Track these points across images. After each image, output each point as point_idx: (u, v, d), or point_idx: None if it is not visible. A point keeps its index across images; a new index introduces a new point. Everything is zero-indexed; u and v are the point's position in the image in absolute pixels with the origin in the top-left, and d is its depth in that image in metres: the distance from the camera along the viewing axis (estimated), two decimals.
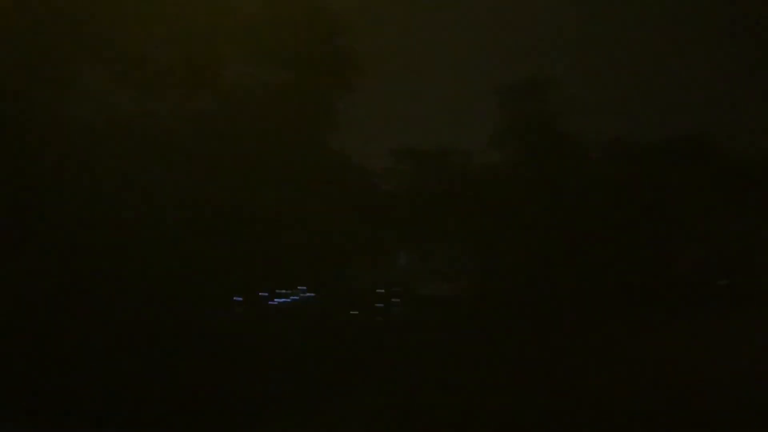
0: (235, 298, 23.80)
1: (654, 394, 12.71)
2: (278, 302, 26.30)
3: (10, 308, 17.63)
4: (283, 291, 27.03)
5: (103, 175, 21.88)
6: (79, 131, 22.91)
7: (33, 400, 10.85)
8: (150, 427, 10.62)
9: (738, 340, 19.53)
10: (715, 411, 11.43)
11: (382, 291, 30.11)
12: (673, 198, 37.52)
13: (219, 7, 26.17)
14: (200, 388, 12.64)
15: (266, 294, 26.34)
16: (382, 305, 28.56)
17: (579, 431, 9.80)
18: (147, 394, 11.53)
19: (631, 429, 9.89)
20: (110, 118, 24.19)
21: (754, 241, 35.29)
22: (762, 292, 30.18)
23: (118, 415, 10.77)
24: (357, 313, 25.59)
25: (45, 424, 10.73)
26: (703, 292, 31.87)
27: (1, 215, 20.19)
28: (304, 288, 28.65)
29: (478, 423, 10.47)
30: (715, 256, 36.31)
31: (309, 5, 27.97)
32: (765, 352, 17.19)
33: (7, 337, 14.01)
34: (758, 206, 36.09)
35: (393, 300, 30.00)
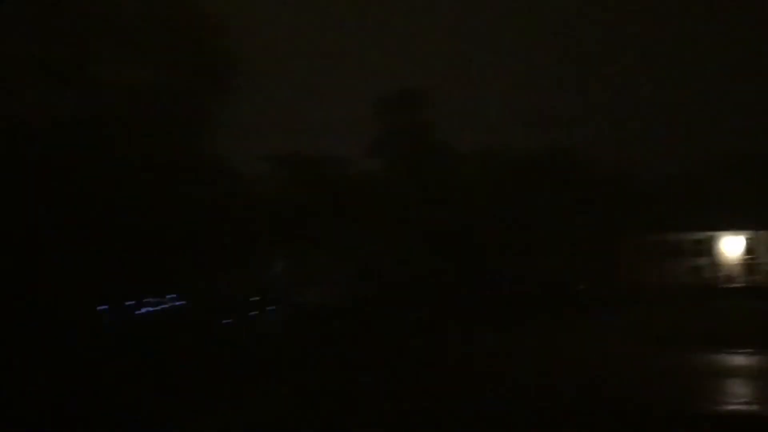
0: (100, 308, 22.41)
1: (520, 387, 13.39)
2: (146, 311, 25.05)
3: None
4: (151, 299, 25.79)
5: None
6: None
7: None
8: None
9: (594, 335, 21.03)
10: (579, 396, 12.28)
11: (257, 299, 29.50)
12: (537, 208, 39.63)
13: (91, 4, 24.59)
14: (58, 398, 11.76)
15: (132, 303, 25.01)
16: (256, 313, 27.96)
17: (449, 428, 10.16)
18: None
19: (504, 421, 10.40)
20: None
21: (609, 248, 37.98)
22: (614, 294, 32.46)
23: None
24: (230, 321, 24.86)
25: None
26: (564, 295, 33.85)
27: None
28: (174, 296, 27.48)
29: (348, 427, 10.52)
30: (576, 262, 38.73)
31: (187, 5, 26.95)
32: (614, 345, 18.75)
33: None
34: (615, 215, 38.89)
35: (268, 308, 29.47)
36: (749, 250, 35.05)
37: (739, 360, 16.13)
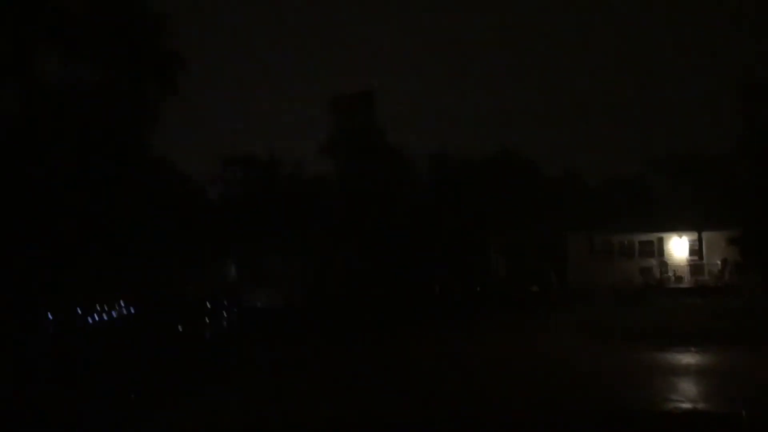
0: (46, 317, 21.69)
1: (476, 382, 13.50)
2: (95, 319, 24.34)
3: None
4: (101, 307, 25.09)
5: None
6: None
7: None
8: None
9: (542, 334, 21.45)
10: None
11: (209, 304, 29.00)
12: (488, 208, 40.03)
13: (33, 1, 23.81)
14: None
15: (80, 311, 24.28)
16: (208, 319, 27.48)
17: None
18: None
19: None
20: None
21: (557, 251, 38.62)
22: (567, 296, 32.95)
23: None
24: (182, 329, 24.36)
25: None
26: (519, 296, 34.27)
27: None
28: (124, 303, 26.81)
29: None
30: (527, 264, 39.28)
31: (133, 4, 26.36)
32: (562, 342, 19.15)
33: None
34: (561, 219, 39.55)
35: (222, 313, 29.02)
36: (694, 251, 36.00)
37: (685, 357, 16.53)
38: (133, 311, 26.46)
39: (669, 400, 11.98)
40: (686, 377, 14.24)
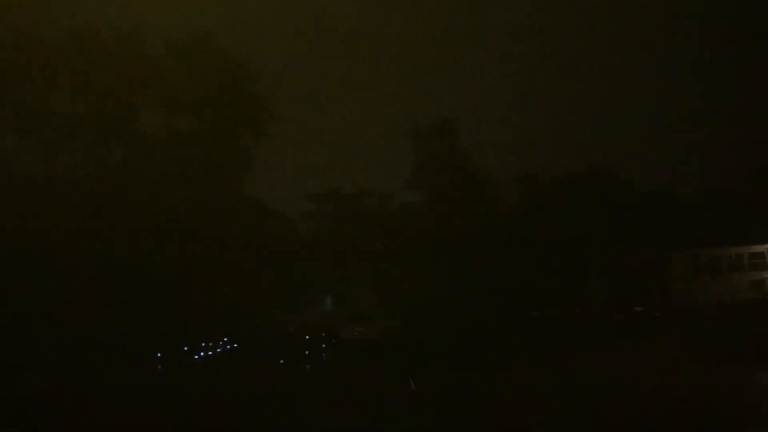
0: (156, 355, 22.83)
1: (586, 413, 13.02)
2: (201, 356, 25.37)
3: None
4: (206, 344, 26.14)
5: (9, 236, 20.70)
6: None
7: None
8: None
9: (663, 357, 20.34)
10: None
11: (308, 337, 29.63)
12: (582, 229, 39.08)
13: (128, 56, 25.67)
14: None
15: (186, 348, 25.38)
16: (308, 352, 28.05)
17: None
18: None
19: None
20: (12, 174, 23.07)
21: (659, 269, 37.08)
22: (673, 315, 31.55)
23: None
24: (283, 361, 24.99)
25: None
26: (620, 318, 32.99)
27: None
28: (227, 339, 27.82)
29: None
30: (628, 283, 37.85)
31: (220, 52, 27.92)
32: (677, 367, 18.10)
33: None
34: (660, 235, 38.07)
35: (321, 345, 29.56)
36: None
37: None
38: (235, 346, 27.38)
39: None
40: None
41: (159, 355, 23.15)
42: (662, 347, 22.55)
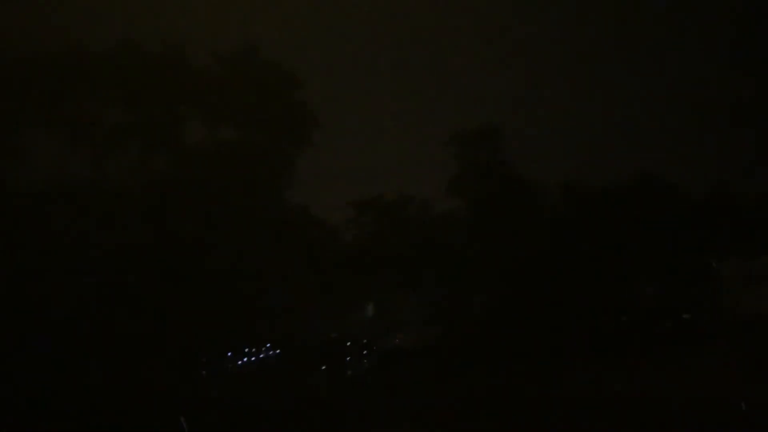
0: (201, 360, 23.22)
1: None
2: (244, 361, 25.71)
3: None
4: (249, 350, 26.47)
5: (63, 242, 21.31)
6: (29, 200, 22.31)
7: None
8: None
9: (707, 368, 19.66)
10: None
11: (349, 344, 29.74)
12: (628, 236, 38.25)
13: (173, 67, 26.23)
14: None
15: (230, 354, 25.75)
16: (349, 358, 28.13)
17: None
18: None
19: None
20: (62, 184, 23.73)
21: (710, 277, 36.03)
22: (723, 324, 30.63)
23: None
24: (325, 368, 25.12)
25: None
26: (668, 326, 32.13)
27: None
28: (269, 345, 28.11)
29: None
30: (676, 291, 36.88)
31: (264, 62, 28.28)
32: (730, 379, 17.42)
33: None
34: (711, 241, 36.99)
35: (362, 352, 29.63)
36: None
37: None
38: (278, 353, 27.63)
39: None
40: None
41: (203, 360, 23.55)
42: (713, 358, 21.88)
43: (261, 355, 27.01)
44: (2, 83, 21.88)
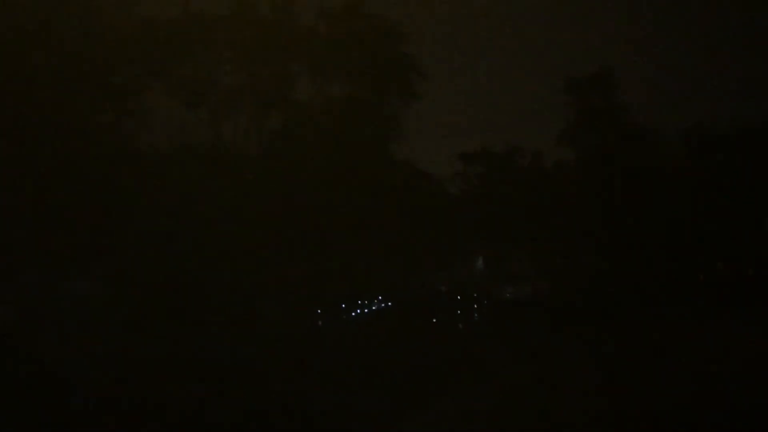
0: (317, 311, 24.14)
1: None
2: (357, 312, 26.50)
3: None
4: (362, 302, 27.23)
5: (179, 200, 22.38)
6: (151, 159, 23.50)
7: None
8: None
9: None
10: None
11: (459, 297, 29.94)
12: (751, 188, 35.85)
13: (282, 27, 26.64)
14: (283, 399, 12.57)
15: (344, 306, 26.57)
16: (460, 311, 28.35)
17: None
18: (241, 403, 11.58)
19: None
20: (184, 143, 24.89)
21: None
22: None
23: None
24: (436, 320, 25.46)
25: None
26: None
27: (78, 239, 20.67)
28: (381, 298, 28.78)
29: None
30: None
31: (368, 17, 28.18)
32: None
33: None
34: None
35: (473, 305, 29.77)
36: None
37: None
38: (390, 305, 28.24)
39: None
40: None
41: (319, 311, 24.46)
42: None
43: (373, 307, 27.71)
44: (126, 48, 22.95)
